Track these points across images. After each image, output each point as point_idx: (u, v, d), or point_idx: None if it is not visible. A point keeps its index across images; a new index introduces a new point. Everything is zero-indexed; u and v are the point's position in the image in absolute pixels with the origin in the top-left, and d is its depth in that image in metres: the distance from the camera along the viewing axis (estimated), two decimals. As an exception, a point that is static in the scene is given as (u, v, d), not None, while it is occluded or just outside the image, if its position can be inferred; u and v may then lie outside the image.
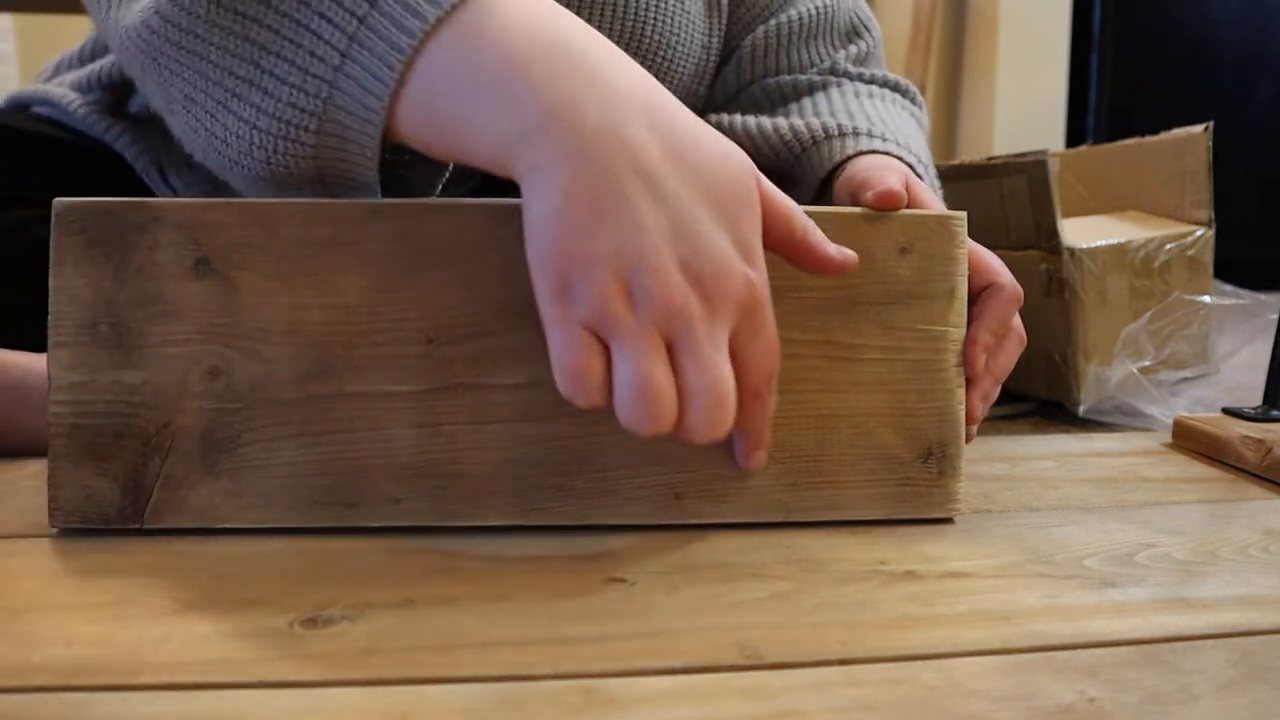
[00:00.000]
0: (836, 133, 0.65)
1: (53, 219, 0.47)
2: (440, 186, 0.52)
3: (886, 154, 0.63)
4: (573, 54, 0.41)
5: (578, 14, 0.69)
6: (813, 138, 0.66)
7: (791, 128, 0.67)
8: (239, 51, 0.45)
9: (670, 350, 0.40)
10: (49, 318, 0.47)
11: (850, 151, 0.63)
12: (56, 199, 0.47)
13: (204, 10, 0.45)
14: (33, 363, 0.62)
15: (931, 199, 0.57)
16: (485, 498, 0.49)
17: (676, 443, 0.50)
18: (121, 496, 0.47)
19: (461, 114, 0.42)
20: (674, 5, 0.71)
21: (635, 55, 0.71)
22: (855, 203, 0.54)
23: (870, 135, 0.64)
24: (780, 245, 0.45)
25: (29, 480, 0.56)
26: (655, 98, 0.42)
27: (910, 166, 0.62)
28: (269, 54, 0.45)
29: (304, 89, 0.44)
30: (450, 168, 0.50)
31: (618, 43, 0.70)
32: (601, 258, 0.39)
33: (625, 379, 0.39)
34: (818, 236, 0.46)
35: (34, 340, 0.54)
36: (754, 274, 0.41)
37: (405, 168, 0.49)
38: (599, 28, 0.69)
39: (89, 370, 0.47)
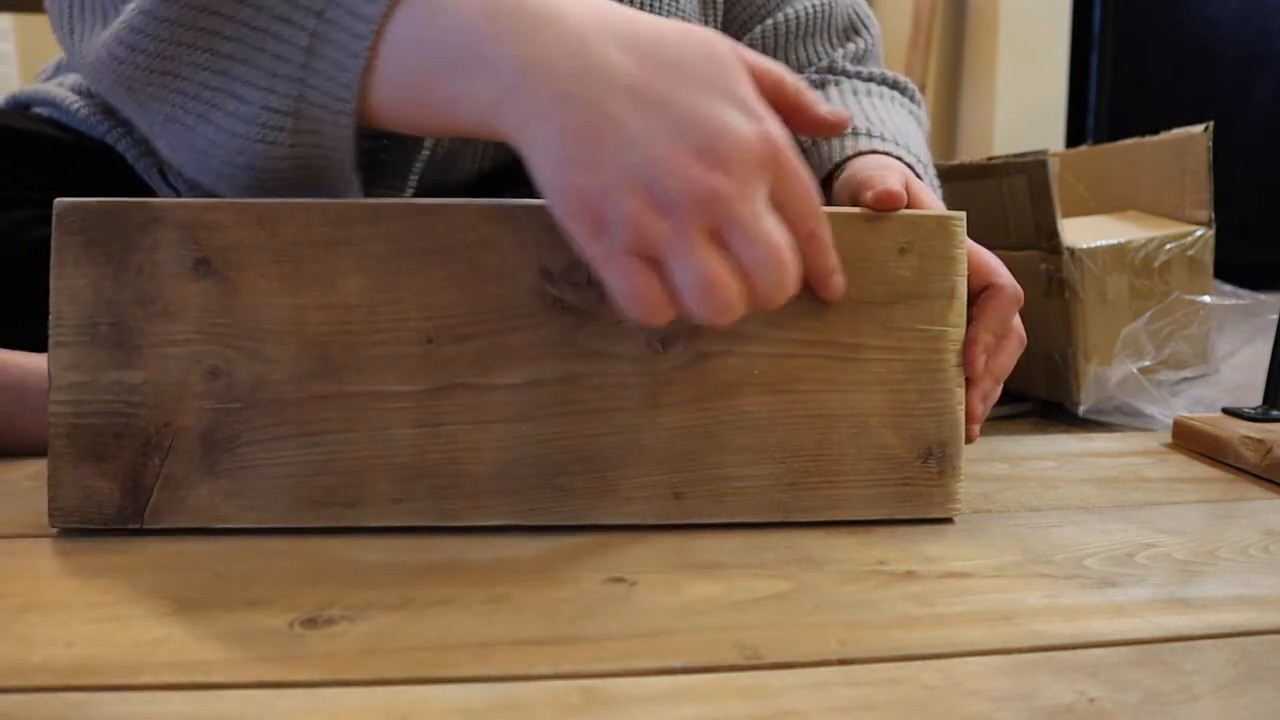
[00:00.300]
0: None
1: (53, 219, 0.47)
2: (416, 164, 0.53)
3: (886, 154, 0.63)
4: (525, 3, 0.42)
5: None
6: (811, 138, 0.66)
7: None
8: (208, 65, 0.46)
9: (719, 234, 0.40)
10: (49, 318, 0.47)
11: (850, 151, 0.63)
12: (57, 199, 0.47)
13: (167, 32, 0.46)
14: (33, 363, 0.62)
15: (931, 199, 0.57)
16: (485, 498, 0.49)
17: (677, 443, 0.50)
18: (121, 496, 0.47)
19: (437, 88, 0.43)
20: (668, 5, 0.71)
21: None
22: (855, 203, 0.54)
23: (870, 135, 0.64)
24: (775, 106, 0.45)
25: (29, 480, 0.56)
26: (610, 15, 0.42)
27: (909, 166, 0.62)
28: (237, 63, 0.45)
29: (275, 90, 0.45)
30: (425, 145, 0.50)
31: None
32: (618, 183, 0.39)
33: (686, 283, 0.39)
34: (810, 95, 0.46)
35: (34, 340, 0.54)
36: (766, 126, 0.41)
37: (385, 152, 0.50)
38: None
39: (89, 370, 0.47)
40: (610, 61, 0.41)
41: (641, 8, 0.70)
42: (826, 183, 0.65)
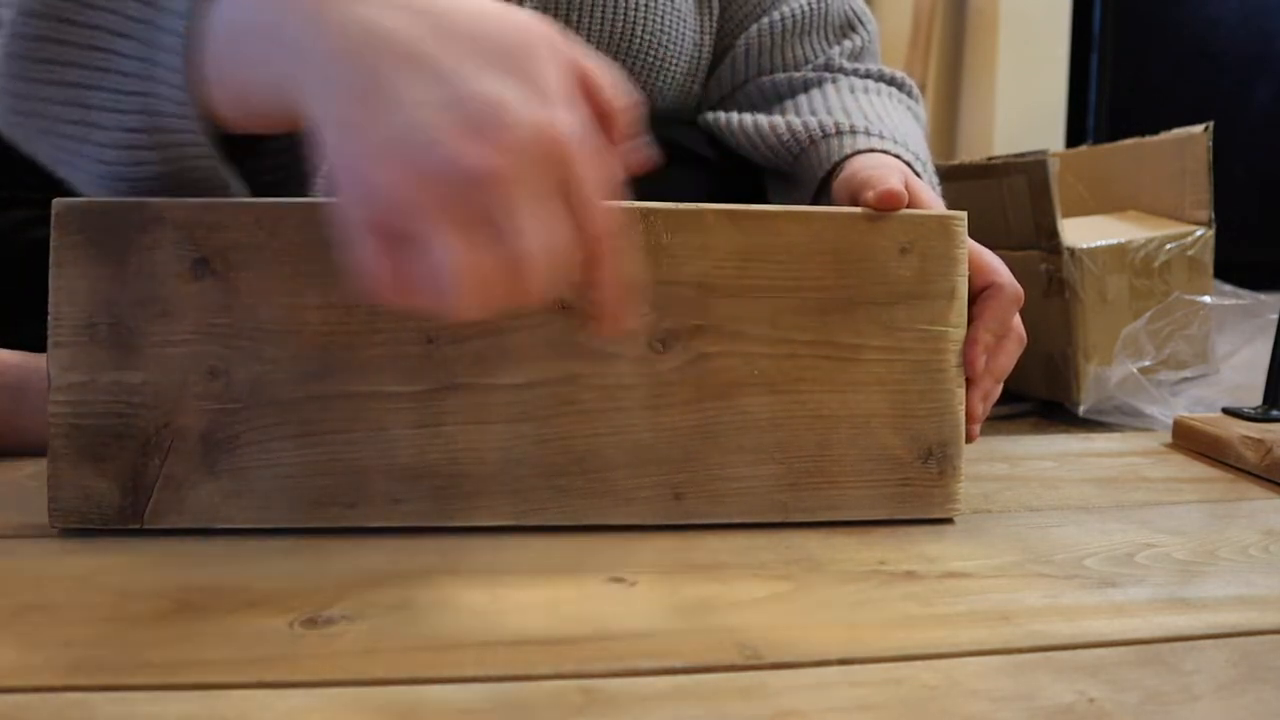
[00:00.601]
0: (834, 131, 0.65)
1: (53, 219, 0.47)
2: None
3: (885, 152, 0.62)
4: None
5: (566, 15, 0.69)
6: (810, 137, 0.66)
7: (789, 126, 0.67)
8: (65, 98, 0.45)
9: (481, 222, 0.36)
10: (49, 318, 0.47)
11: (849, 150, 0.63)
12: (56, 199, 0.47)
13: (21, 70, 0.45)
14: (32, 363, 0.62)
15: (931, 198, 0.57)
16: (485, 498, 0.49)
17: (676, 443, 0.50)
18: (121, 496, 0.47)
19: (253, 82, 0.41)
20: (664, 4, 0.71)
21: (626, 55, 0.71)
22: (855, 202, 0.54)
23: (869, 134, 0.64)
24: (592, 109, 0.41)
25: (29, 480, 0.56)
26: None
27: (909, 164, 0.62)
28: (88, 90, 0.45)
29: (126, 109, 0.44)
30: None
31: (609, 43, 0.70)
32: (383, 150, 0.36)
33: (437, 265, 0.36)
34: (620, 115, 0.42)
35: (34, 340, 0.54)
36: (557, 116, 0.37)
37: (285, 155, 0.49)
38: (589, 29, 0.69)
39: (89, 370, 0.47)
40: (394, 27, 0.38)
41: (636, 8, 0.70)
42: (825, 182, 0.65)
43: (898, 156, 0.62)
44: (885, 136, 0.64)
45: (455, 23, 0.39)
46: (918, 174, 0.62)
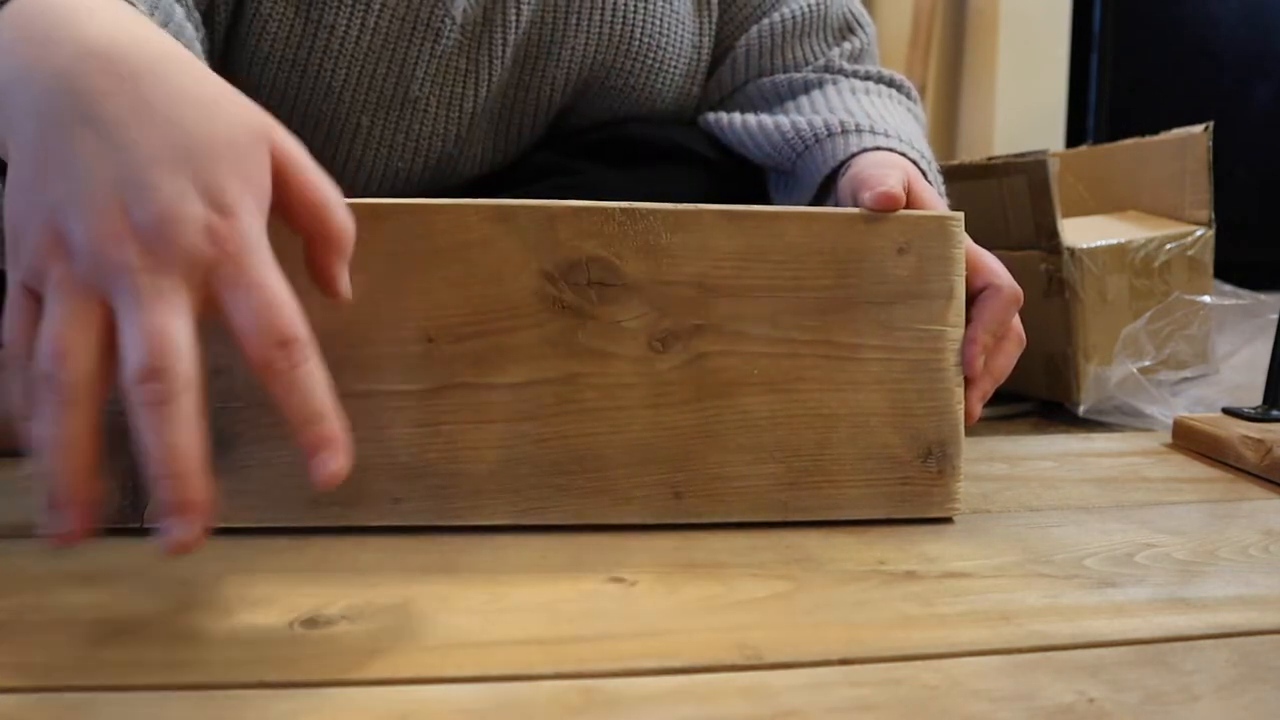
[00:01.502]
0: (839, 130, 0.65)
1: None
2: None
3: (890, 150, 0.62)
4: (52, 18, 0.39)
5: (565, 18, 0.69)
6: (815, 136, 0.66)
7: (793, 125, 0.67)
8: None
9: (111, 306, 0.36)
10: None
11: (854, 149, 0.63)
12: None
13: None
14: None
15: (934, 199, 0.57)
16: (485, 497, 0.49)
17: (676, 442, 0.50)
18: (121, 497, 0.47)
19: None
20: (662, 6, 0.71)
21: (625, 57, 0.71)
22: (855, 202, 0.54)
23: (873, 132, 0.64)
24: (306, 231, 0.41)
25: (29, 480, 0.56)
26: (142, 50, 0.39)
27: (914, 162, 0.62)
28: None
29: None
30: None
31: (607, 45, 0.70)
32: (39, 210, 0.36)
33: (42, 333, 0.35)
34: (341, 239, 0.41)
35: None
36: (221, 221, 0.36)
37: None
38: (588, 31, 0.69)
39: (89, 370, 0.47)
40: (95, 88, 0.37)
41: (635, 10, 0.70)
42: (829, 181, 0.65)
43: (904, 155, 0.62)
44: (890, 135, 0.64)
45: (160, 99, 0.38)
46: (923, 172, 0.62)
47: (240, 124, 0.39)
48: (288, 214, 0.40)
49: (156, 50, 0.40)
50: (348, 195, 0.49)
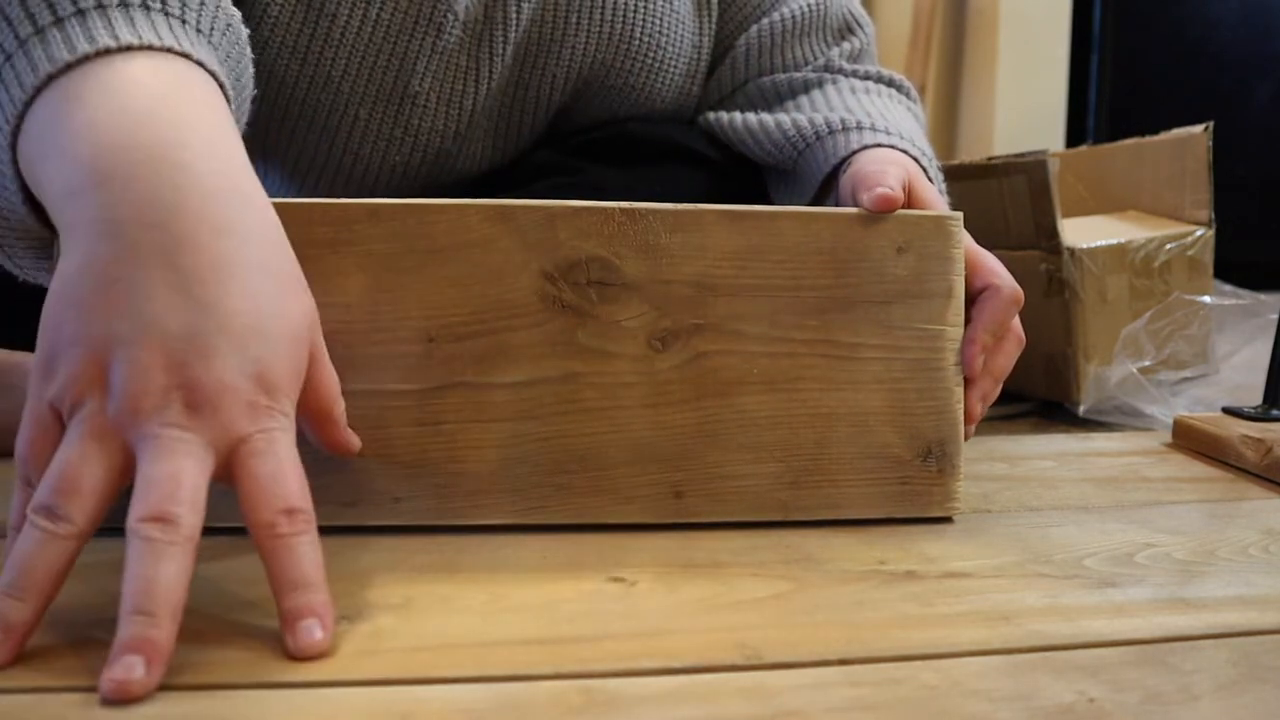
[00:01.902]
0: (839, 127, 0.65)
1: (52, 219, 0.47)
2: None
3: (890, 147, 0.62)
4: (164, 143, 0.38)
5: (566, 17, 0.69)
6: (815, 134, 0.66)
7: (795, 123, 0.67)
8: None
9: (133, 450, 0.36)
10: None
11: (855, 146, 0.63)
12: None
13: None
14: (31, 363, 0.62)
15: (934, 196, 0.57)
16: (485, 497, 0.49)
17: (676, 442, 0.50)
18: (121, 496, 0.47)
19: (39, 168, 0.39)
20: (662, 6, 0.71)
21: (625, 56, 0.71)
22: (855, 201, 0.54)
23: (873, 129, 0.64)
24: (313, 415, 0.43)
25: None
26: (248, 215, 0.39)
27: (914, 159, 0.62)
28: None
29: None
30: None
31: (607, 45, 0.70)
32: (90, 340, 0.36)
33: (57, 461, 0.35)
34: (339, 429, 0.45)
35: (34, 340, 0.53)
36: (266, 402, 0.37)
37: None
38: (589, 29, 0.69)
39: (89, 370, 0.47)
40: (189, 234, 0.37)
41: (635, 10, 0.70)
42: (830, 179, 0.65)
43: (904, 152, 0.62)
44: (891, 133, 0.64)
45: (244, 270, 0.38)
46: (924, 169, 0.62)
47: (301, 313, 0.40)
48: (301, 400, 0.41)
49: (247, 202, 0.40)
50: (345, 188, 0.49)
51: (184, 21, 0.42)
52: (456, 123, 0.69)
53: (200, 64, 0.41)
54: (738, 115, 0.73)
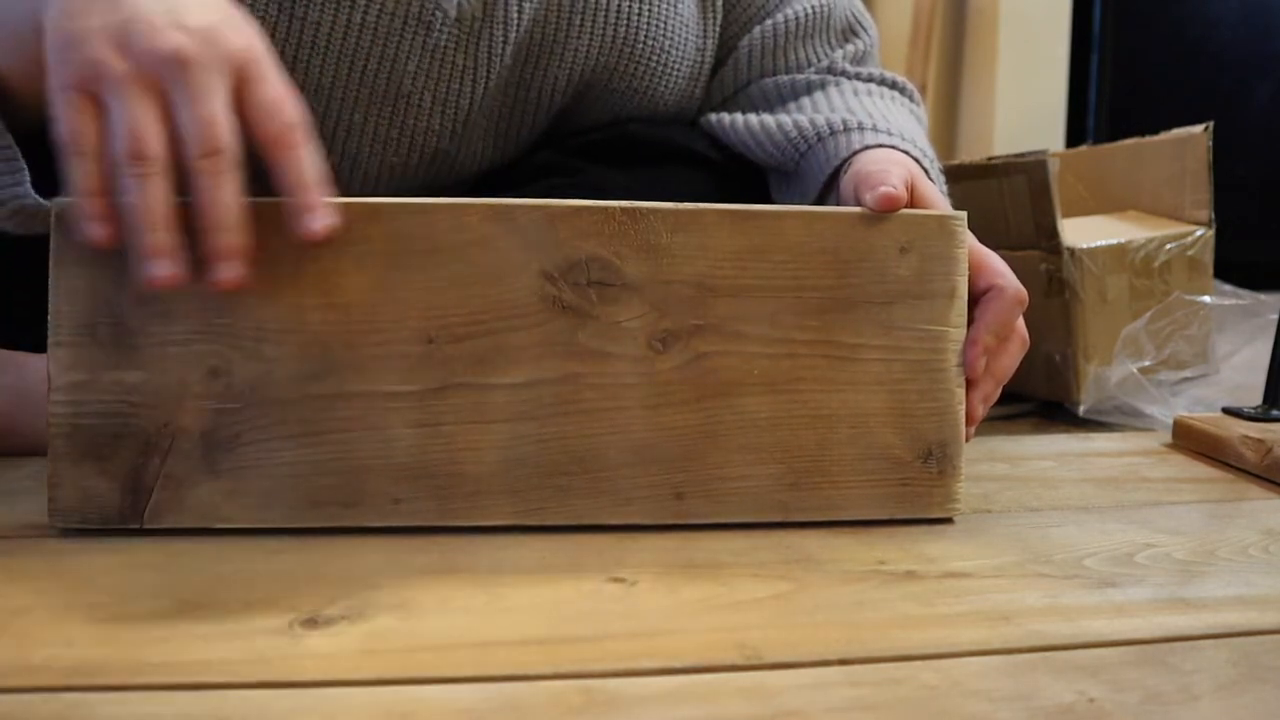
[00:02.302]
0: (842, 128, 0.65)
1: (52, 219, 0.47)
2: None
3: (892, 147, 0.62)
4: None
5: (569, 18, 0.69)
6: (817, 134, 0.66)
7: (796, 124, 0.67)
8: None
9: (166, 99, 0.43)
10: (49, 317, 0.47)
11: (857, 146, 0.63)
12: (56, 199, 0.47)
13: None
14: (32, 362, 0.62)
15: (936, 196, 0.57)
16: (485, 497, 0.49)
17: (676, 443, 0.50)
18: (121, 496, 0.47)
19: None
20: (667, 8, 0.71)
21: (628, 59, 0.71)
22: (857, 200, 0.54)
23: (875, 129, 0.64)
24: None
25: (29, 480, 0.56)
26: None
27: (917, 160, 0.62)
28: None
29: None
30: None
31: (612, 47, 0.70)
32: (96, 29, 0.43)
33: (115, 123, 0.43)
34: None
35: (34, 340, 0.54)
36: (246, 38, 0.45)
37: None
38: (591, 31, 0.69)
39: (88, 370, 0.47)
40: None
41: (639, 12, 0.70)
42: (832, 180, 0.65)
43: (906, 153, 0.62)
44: (893, 133, 0.64)
45: None
46: (925, 170, 0.62)
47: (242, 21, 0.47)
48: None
49: None
50: (345, 189, 0.50)
51: None
52: (453, 122, 0.69)
53: None
54: (739, 116, 0.73)
